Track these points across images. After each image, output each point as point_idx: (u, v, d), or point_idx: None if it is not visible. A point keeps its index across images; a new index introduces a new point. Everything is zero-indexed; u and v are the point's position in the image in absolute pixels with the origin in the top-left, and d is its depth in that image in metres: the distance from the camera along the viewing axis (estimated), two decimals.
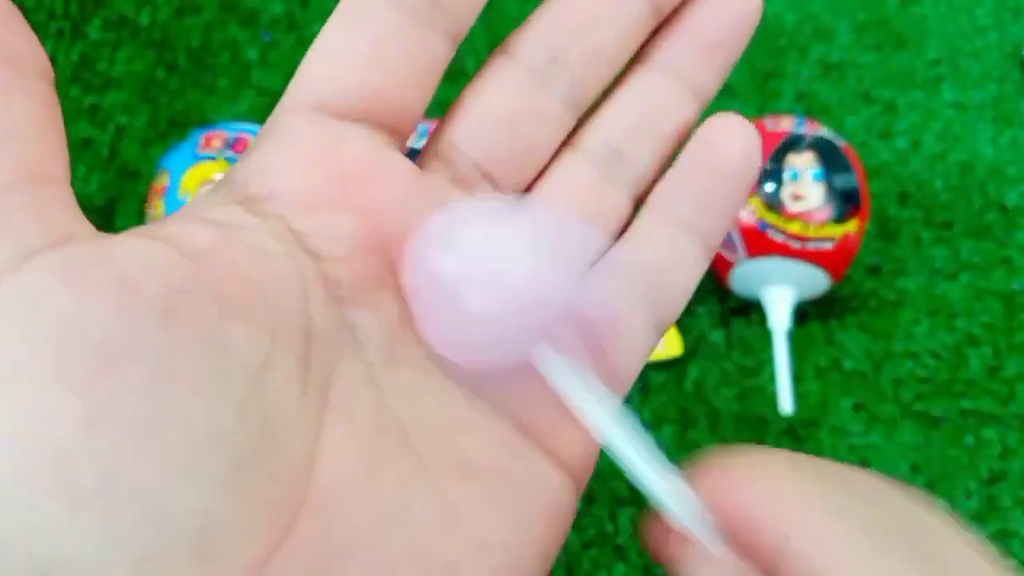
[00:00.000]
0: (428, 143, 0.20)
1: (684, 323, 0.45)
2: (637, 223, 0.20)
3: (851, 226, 0.42)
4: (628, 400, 0.18)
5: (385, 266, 0.17)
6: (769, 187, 0.42)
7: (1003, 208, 0.49)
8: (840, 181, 0.42)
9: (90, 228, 0.15)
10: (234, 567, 0.14)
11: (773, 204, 0.42)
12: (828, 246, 0.42)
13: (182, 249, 0.15)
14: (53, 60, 0.50)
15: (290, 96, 0.18)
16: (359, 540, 0.15)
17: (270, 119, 0.18)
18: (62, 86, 0.50)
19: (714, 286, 0.46)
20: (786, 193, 0.42)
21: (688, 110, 0.21)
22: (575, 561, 0.39)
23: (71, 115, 0.49)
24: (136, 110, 0.49)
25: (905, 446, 0.43)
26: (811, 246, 0.42)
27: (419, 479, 0.16)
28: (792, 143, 0.43)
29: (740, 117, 0.20)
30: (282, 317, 0.15)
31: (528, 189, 0.20)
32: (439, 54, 0.18)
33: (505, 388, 0.18)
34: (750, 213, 0.42)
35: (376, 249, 0.17)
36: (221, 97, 0.49)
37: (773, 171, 0.42)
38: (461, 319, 0.16)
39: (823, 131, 0.44)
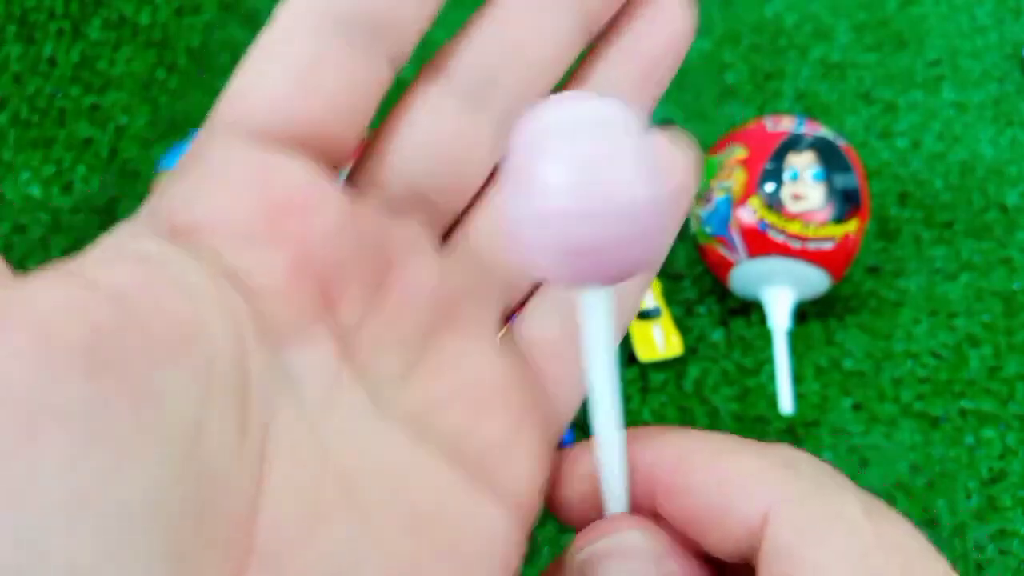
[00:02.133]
0: (358, 165, 0.19)
1: (684, 323, 0.45)
2: None
3: (851, 226, 0.42)
4: (628, 398, 0.19)
5: (321, 301, 0.16)
6: (769, 187, 0.42)
7: (1003, 208, 0.49)
8: (840, 181, 0.42)
9: (2, 268, 0.13)
10: None
11: (773, 204, 0.42)
12: (828, 246, 0.42)
13: (103, 289, 0.14)
14: (53, 60, 0.50)
15: (218, 119, 0.17)
16: None
17: (196, 143, 0.17)
18: (62, 86, 0.50)
19: (714, 286, 0.46)
20: (786, 193, 0.42)
21: None
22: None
23: (71, 115, 0.49)
24: (136, 110, 0.49)
25: (905, 446, 0.43)
26: (811, 246, 0.42)
27: (367, 534, 0.15)
28: (792, 143, 0.43)
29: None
30: (216, 363, 0.14)
31: (464, 213, 0.19)
32: (378, 79, 0.17)
33: (452, 421, 0.17)
34: (751, 213, 0.42)
35: (311, 284, 0.16)
36: None
37: (773, 171, 0.42)
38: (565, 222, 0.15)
39: (823, 131, 0.44)
